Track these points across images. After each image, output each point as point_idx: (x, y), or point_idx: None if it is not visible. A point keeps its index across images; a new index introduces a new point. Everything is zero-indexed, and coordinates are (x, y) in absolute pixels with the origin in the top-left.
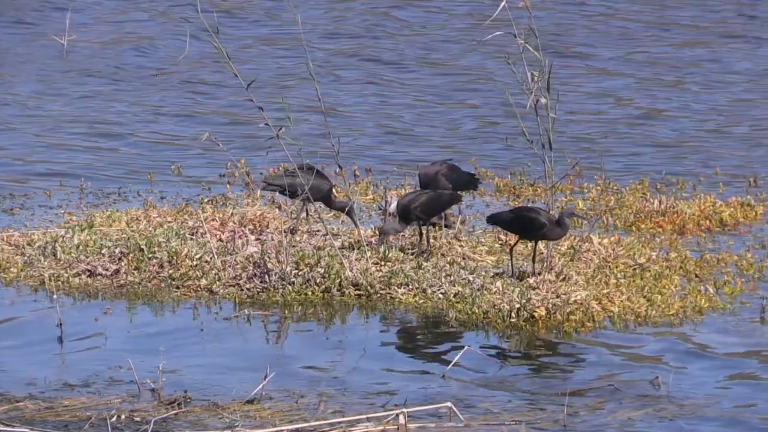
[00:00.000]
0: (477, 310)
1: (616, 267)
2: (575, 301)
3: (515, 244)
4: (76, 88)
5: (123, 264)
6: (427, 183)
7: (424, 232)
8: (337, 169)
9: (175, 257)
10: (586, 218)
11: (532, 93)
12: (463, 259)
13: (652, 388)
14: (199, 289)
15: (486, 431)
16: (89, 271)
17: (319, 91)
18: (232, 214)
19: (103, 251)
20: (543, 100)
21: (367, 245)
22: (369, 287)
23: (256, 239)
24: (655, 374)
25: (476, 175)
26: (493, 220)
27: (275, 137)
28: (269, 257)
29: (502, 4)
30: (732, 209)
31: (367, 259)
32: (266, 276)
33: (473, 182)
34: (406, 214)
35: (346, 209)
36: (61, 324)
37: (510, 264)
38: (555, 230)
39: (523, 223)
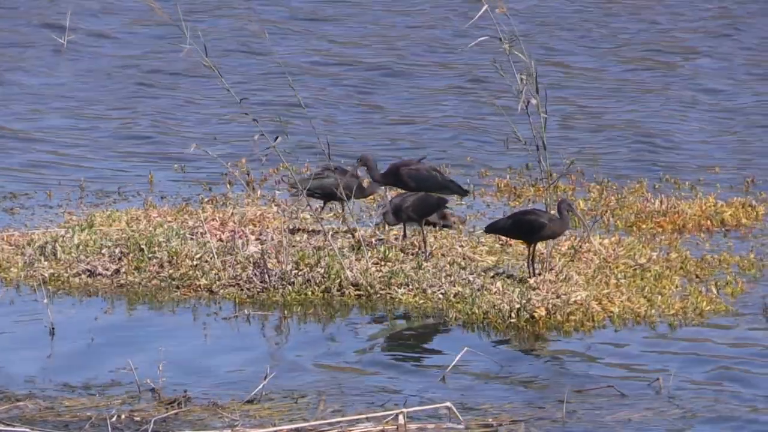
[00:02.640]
0: (477, 311)
1: (617, 267)
2: (575, 302)
3: (530, 252)
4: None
5: (123, 264)
6: (387, 178)
7: (425, 233)
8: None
9: (175, 257)
10: (582, 218)
11: (522, 95)
12: (463, 259)
13: (652, 388)
14: (199, 289)
15: (485, 431)
16: (89, 271)
17: (301, 101)
18: (232, 214)
19: (103, 251)
20: (533, 101)
21: (367, 246)
22: (369, 287)
23: (256, 239)
24: (655, 375)
25: (453, 181)
26: (492, 229)
27: (272, 147)
28: (269, 257)
29: (484, 8)
30: (734, 209)
31: (367, 260)
32: (266, 276)
33: (449, 187)
34: (397, 214)
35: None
36: (53, 327)
37: (531, 268)
38: (555, 227)
39: (522, 227)
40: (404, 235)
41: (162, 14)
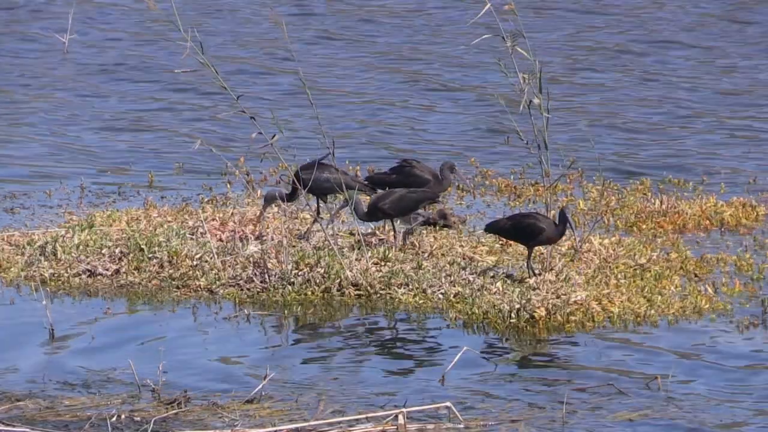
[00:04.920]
0: (477, 311)
1: (617, 267)
2: (575, 302)
3: (529, 254)
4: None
5: (123, 264)
6: (297, 183)
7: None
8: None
9: (175, 257)
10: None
11: (525, 94)
12: (463, 259)
13: (652, 388)
14: (199, 289)
15: (485, 431)
16: (89, 271)
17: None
18: (232, 214)
19: (103, 251)
20: (536, 101)
21: (366, 245)
22: (369, 287)
23: (256, 239)
24: (654, 375)
25: (355, 179)
26: (492, 228)
27: (269, 144)
28: (269, 257)
29: (486, 6)
30: (734, 209)
31: (366, 259)
32: (266, 276)
33: (351, 186)
34: (373, 212)
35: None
36: (52, 327)
37: (530, 269)
38: (552, 233)
39: (520, 231)
40: (394, 231)
41: (155, 7)
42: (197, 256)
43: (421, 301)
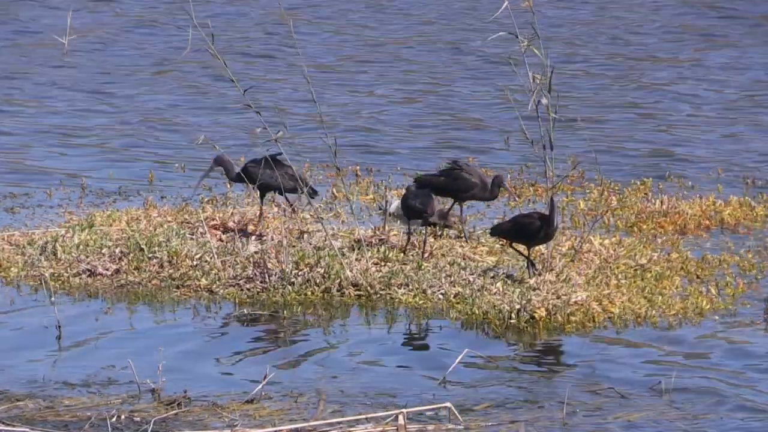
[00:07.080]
0: (477, 311)
1: (617, 268)
2: (576, 303)
3: (529, 252)
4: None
5: (123, 264)
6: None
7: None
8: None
9: (175, 257)
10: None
11: (534, 94)
12: (463, 259)
13: (653, 390)
14: (199, 289)
15: (485, 431)
16: (89, 270)
17: (314, 95)
18: (232, 213)
19: (103, 251)
20: (544, 101)
21: (367, 245)
22: (369, 287)
23: (256, 239)
24: (655, 376)
25: (297, 179)
26: (496, 231)
27: (273, 140)
28: (269, 257)
29: (505, 4)
30: (732, 209)
31: (367, 260)
32: (266, 276)
33: (284, 186)
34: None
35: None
36: (59, 325)
37: (530, 269)
38: (550, 230)
39: (520, 231)
40: (409, 233)
41: None
42: (197, 256)
43: (421, 302)
